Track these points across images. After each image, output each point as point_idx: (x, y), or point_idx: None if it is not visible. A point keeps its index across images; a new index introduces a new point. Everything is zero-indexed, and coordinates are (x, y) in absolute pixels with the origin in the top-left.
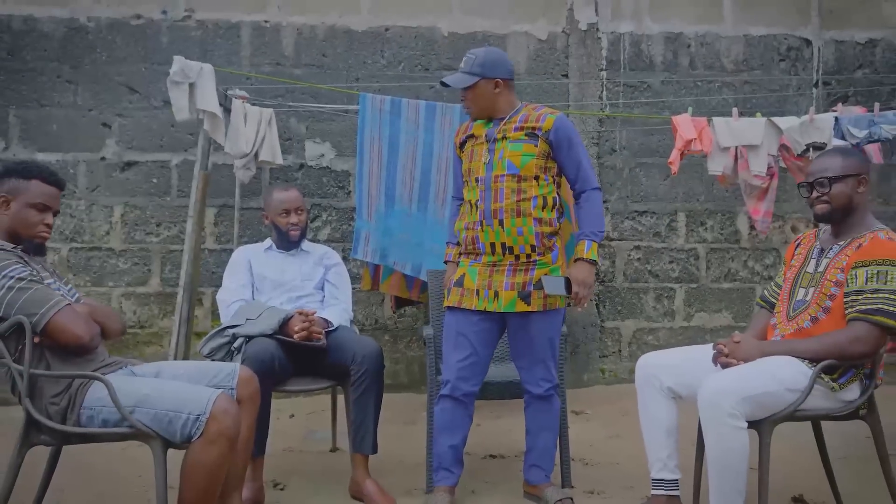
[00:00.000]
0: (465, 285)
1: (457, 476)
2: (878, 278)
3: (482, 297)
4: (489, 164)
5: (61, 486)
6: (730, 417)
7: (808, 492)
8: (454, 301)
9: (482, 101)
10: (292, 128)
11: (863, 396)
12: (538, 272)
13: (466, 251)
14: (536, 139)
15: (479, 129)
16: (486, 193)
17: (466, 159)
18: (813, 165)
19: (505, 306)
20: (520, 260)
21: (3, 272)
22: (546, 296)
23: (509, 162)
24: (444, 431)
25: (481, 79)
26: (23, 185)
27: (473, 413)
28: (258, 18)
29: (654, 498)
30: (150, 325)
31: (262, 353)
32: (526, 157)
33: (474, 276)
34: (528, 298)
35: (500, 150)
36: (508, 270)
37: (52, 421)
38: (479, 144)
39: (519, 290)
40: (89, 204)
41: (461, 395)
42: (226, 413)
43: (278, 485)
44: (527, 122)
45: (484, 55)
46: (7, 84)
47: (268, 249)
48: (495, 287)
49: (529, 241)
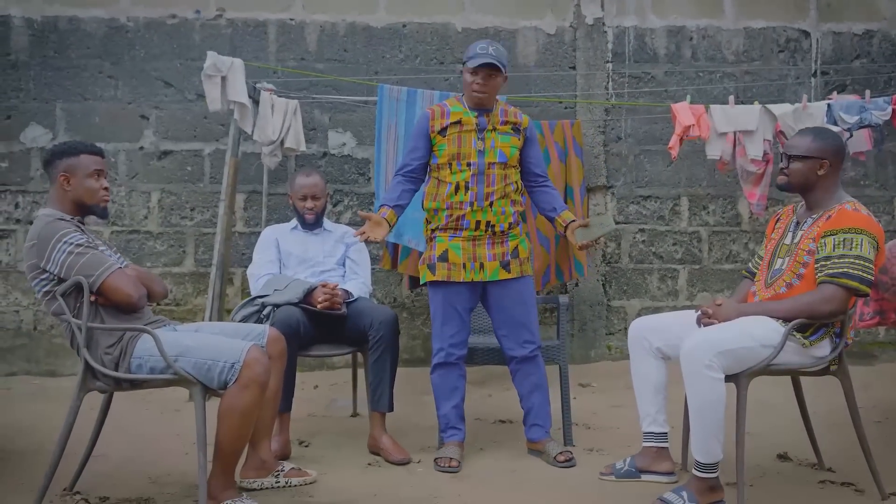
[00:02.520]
0: (451, 260)
1: (463, 432)
2: (844, 245)
3: (469, 270)
4: (482, 151)
5: (107, 441)
6: (707, 369)
7: (792, 450)
8: (442, 276)
9: (494, 91)
10: (316, 118)
11: (833, 353)
12: (511, 244)
13: (446, 227)
14: (518, 133)
15: (466, 118)
16: (479, 178)
17: (451, 144)
18: (789, 138)
19: (490, 275)
20: (496, 234)
21: (64, 239)
22: (522, 262)
23: (500, 152)
24: (444, 395)
25: (503, 71)
26: (74, 161)
27: (465, 373)
28: (284, 17)
29: (645, 449)
30: (185, 303)
31: (289, 318)
32: (513, 149)
33: (458, 250)
34: (507, 266)
35: (490, 139)
36: (488, 243)
37: (106, 368)
38: (468, 132)
39: (500, 260)
40: (129, 190)
41: (454, 359)
42: (257, 361)
43: (303, 442)
44: (507, 117)
45: (504, 51)
46: (54, 80)
47: (293, 229)
48: (480, 259)
49: (508, 219)
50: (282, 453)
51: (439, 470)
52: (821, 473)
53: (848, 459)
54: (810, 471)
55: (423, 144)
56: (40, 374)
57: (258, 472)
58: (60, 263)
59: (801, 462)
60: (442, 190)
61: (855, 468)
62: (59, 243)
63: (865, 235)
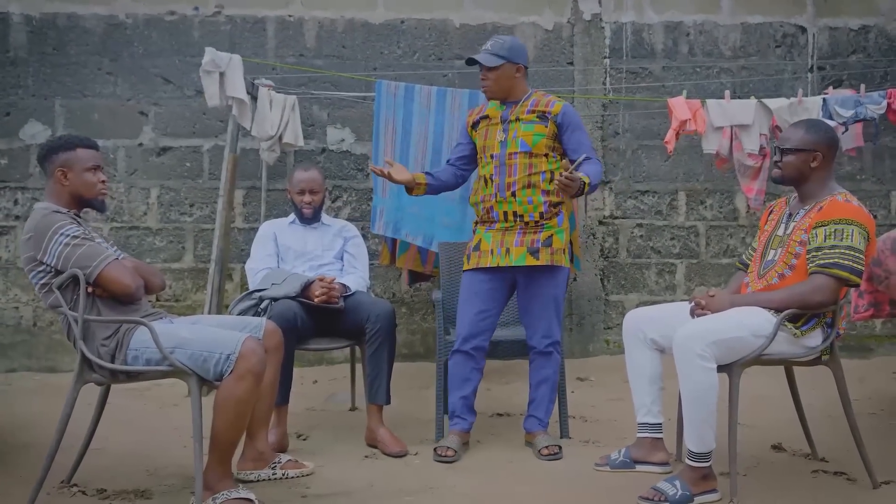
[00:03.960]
0: (482, 248)
1: (469, 423)
2: (835, 236)
3: (495, 255)
4: (504, 142)
5: (105, 436)
6: (700, 359)
7: (786, 441)
8: (473, 264)
9: (503, 82)
10: (314, 114)
11: (824, 343)
12: (545, 234)
13: (482, 220)
14: (546, 121)
15: (493, 111)
16: (500, 169)
17: (480, 138)
18: (783, 131)
19: (515, 260)
20: (529, 225)
21: (60, 231)
22: (554, 252)
23: (522, 141)
24: (455, 384)
25: (507, 62)
26: (71, 155)
27: (483, 367)
28: (282, 13)
29: (640, 440)
30: (185, 299)
31: (286, 312)
32: (537, 137)
33: (489, 239)
34: (536, 253)
35: (513, 129)
36: (519, 232)
37: (102, 360)
38: (494, 125)
39: (528, 247)
40: (128, 187)
41: (471, 348)
42: (253, 352)
43: (301, 436)
44: (537, 106)
45: (511, 42)
46: (53, 76)
47: (291, 223)
48: (507, 245)
49: (538, 209)
50: (279, 446)
51: (437, 459)
52: (814, 463)
53: (841, 449)
54: (804, 461)
55: (465, 140)
56: (40, 371)
57: (255, 464)
58: (57, 255)
59: (795, 452)
60: (478, 184)
61: (848, 458)
62: (55, 235)
63: (856, 226)
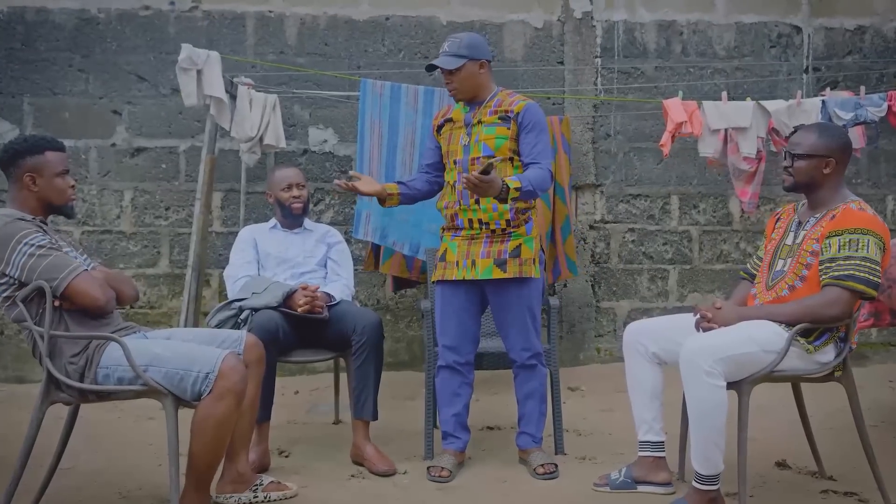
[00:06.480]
0: (447, 259)
1: (463, 441)
2: (849, 246)
3: (461, 267)
4: (467, 146)
5: (76, 452)
6: (707, 376)
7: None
8: (439, 275)
9: (468, 81)
10: (296, 114)
11: (837, 358)
12: (512, 243)
13: (447, 227)
14: (509, 122)
15: (457, 114)
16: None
17: (445, 142)
18: (792, 136)
19: (481, 273)
20: (496, 233)
21: (24, 240)
22: (523, 263)
23: (485, 145)
24: (445, 401)
25: (468, 60)
26: (41, 159)
27: (473, 381)
28: (262, 9)
29: (641, 459)
30: (160, 306)
31: (267, 323)
32: (500, 140)
33: (454, 248)
34: (503, 266)
35: (475, 133)
36: (485, 241)
37: (70, 379)
38: (458, 129)
39: (495, 258)
40: (100, 189)
41: (455, 363)
42: (233, 370)
43: (283, 452)
44: (500, 106)
45: (469, 38)
46: (21, 73)
47: (272, 228)
48: (472, 256)
49: (504, 216)
50: (260, 465)
51: (430, 479)
52: (822, 482)
53: (848, 467)
54: (811, 479)
55: (433, 144)
56: (7, 381)
57: (235, 487)
58: (21, 266)
59: (801, 470)
60: (445, 190)
61: (856, 476)
62: (19, 245)
63: (872, 236)
